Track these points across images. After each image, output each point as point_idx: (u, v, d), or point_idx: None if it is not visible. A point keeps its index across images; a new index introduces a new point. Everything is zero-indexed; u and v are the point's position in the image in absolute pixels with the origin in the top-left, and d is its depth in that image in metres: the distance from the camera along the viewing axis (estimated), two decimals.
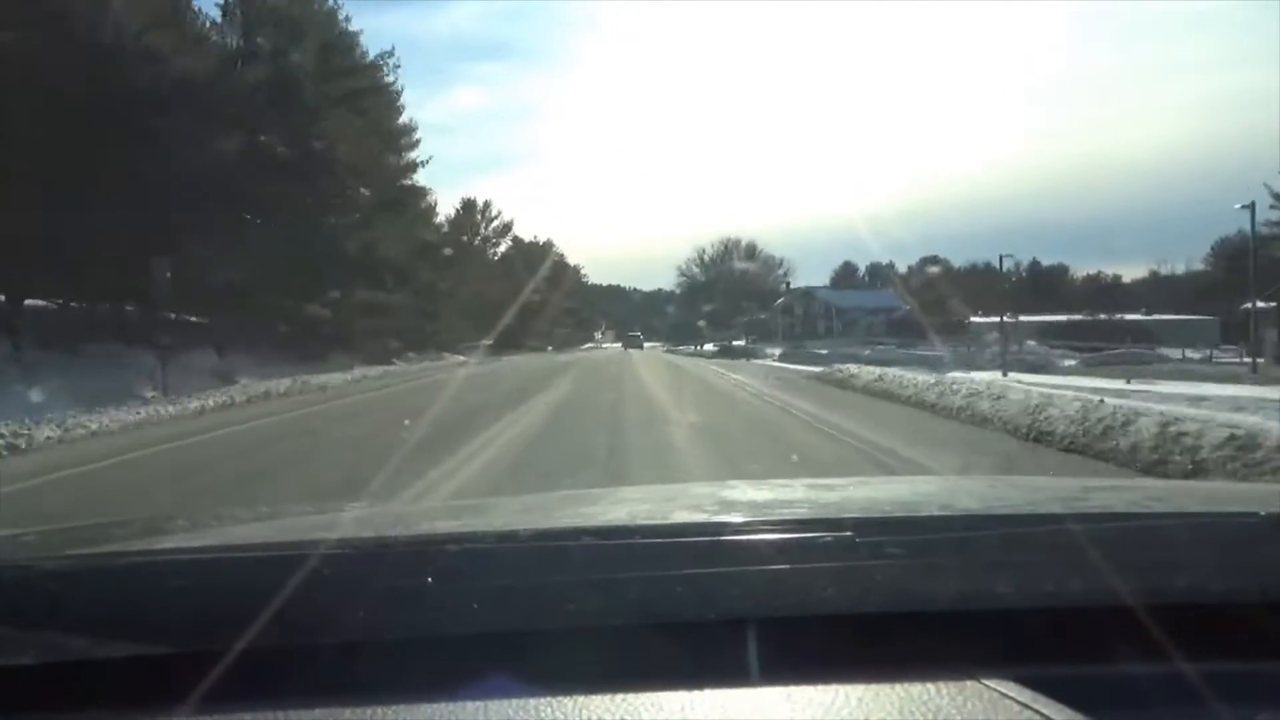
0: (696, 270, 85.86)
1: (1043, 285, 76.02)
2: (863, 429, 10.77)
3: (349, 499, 5.69)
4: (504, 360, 40.23)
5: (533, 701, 0.82)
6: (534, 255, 77.43)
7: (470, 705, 0.82)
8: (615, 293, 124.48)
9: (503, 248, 75.24)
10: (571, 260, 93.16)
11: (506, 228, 75.67)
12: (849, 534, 0.98)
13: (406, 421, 11.66)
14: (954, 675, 0.85)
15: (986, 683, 0.85)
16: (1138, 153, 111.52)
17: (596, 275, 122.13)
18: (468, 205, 72.55)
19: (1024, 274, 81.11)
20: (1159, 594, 0.93)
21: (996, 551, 0.99)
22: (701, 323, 75.94)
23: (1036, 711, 0.80)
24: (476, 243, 71.52)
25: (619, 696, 0.83)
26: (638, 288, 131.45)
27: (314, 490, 7.11)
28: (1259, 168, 60.98)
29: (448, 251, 46.28)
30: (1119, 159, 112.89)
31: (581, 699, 0.82)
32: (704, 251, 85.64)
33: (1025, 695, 0.82)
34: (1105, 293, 75.48)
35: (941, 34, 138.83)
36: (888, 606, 0.94)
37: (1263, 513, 1.07)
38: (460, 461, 8.22)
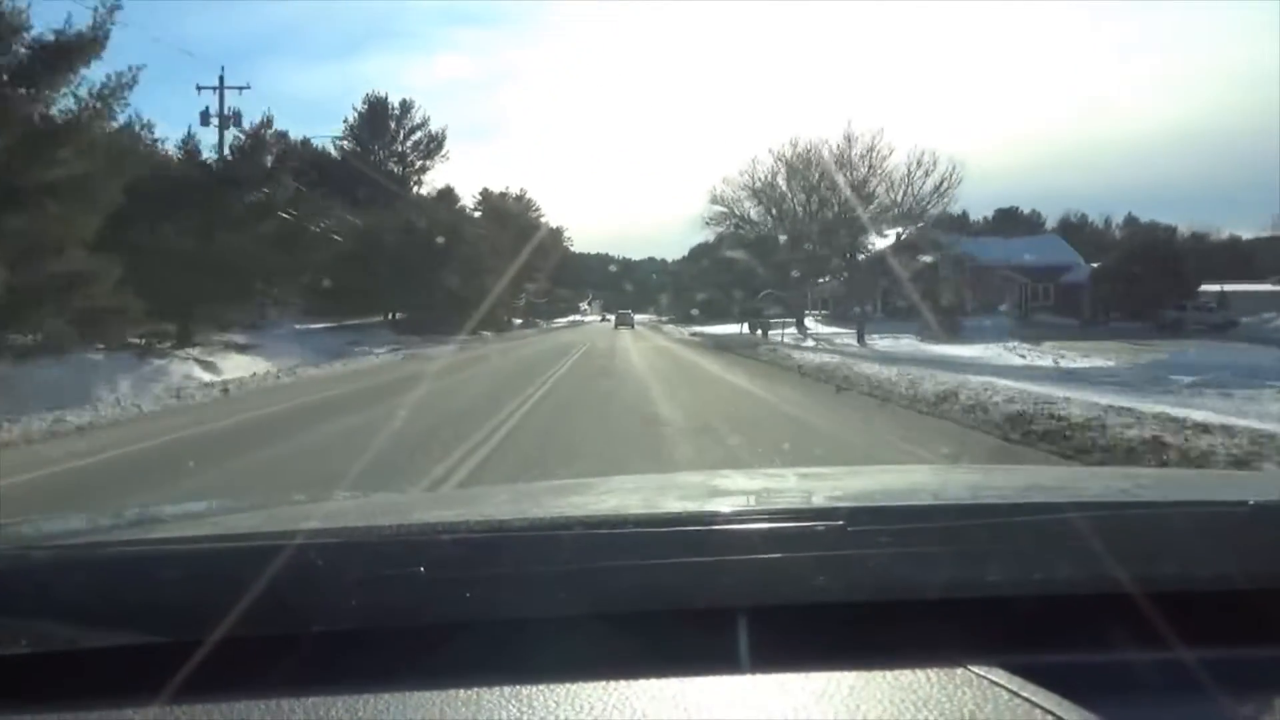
0: (744, 195, 45.49)
1: (1140, 246, 51.30)
2: None
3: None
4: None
5: (525, 689, 0.82)
6: (506, 210, 62.88)
7: (463, 693, 0.82)
8: (604, 262, 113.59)
9: (436, 174, 53.80)
10: (557, 225, 77.68)
11: (436, 143, 50.12)
12: (840, 523, 0.98)
13: None
14: (943, 663, 0.86)
15: (974, 670, 0.85)
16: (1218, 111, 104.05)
17: (584, 246, 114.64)
18: (375, 105, 48.64)
19: (1117, 231, 68.15)
20: (1148, 581, 0.93)
21: (986, 540, 1.00)
22: (701, 298, 57.65)
23: (1024, 698, 0.80)
24: (391, 165, 48.48)
25: (611, 684, 0.83)
26: (628, 256, 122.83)
27: None
28: None
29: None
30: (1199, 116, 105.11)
31: (573, 687, 0.83)
32: (755, 164, 44.64)
33: (1013, 683, 0.83)
34: (1221, 253, 55.19)
35: None
36: (879, 595, 0.95)
37: (1252, 501, 1.07)
38: None
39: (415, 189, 49.96)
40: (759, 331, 38.15)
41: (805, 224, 41.95)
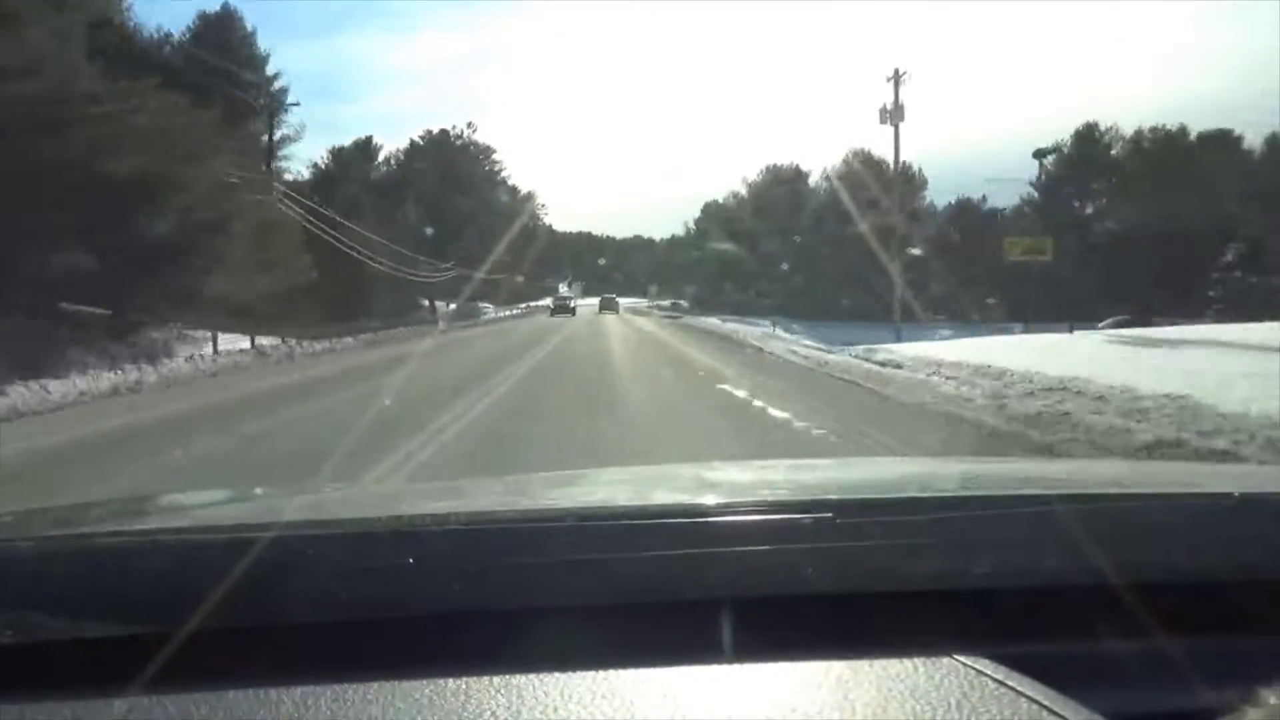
0: None
1: None
2: None
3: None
4: None
5: (515, 679, 0.83)
6: (450, 155, 49.17)
7: (452, 683, 0.82)
8: (587, 241, 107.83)
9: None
10: (528, 191, 65.03)
11: None
12: (829, 515, 0.98)
13: None
14: (930, 653, 0.86)
15: (961, 660, 0.86)
16: None
17: (568, 226, 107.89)
18: None
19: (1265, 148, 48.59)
20: (1134, 572, 0.94)
21: (974, 532, 1.01)
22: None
23: (1010, 687, 0.81)
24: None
25: (601, 674, 0.84)
26: (612, 235, 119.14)
27: None
28: None
29: None
30: None
31: (563, 676, 0.83)
32: None
33: (1000, 672, 0.84)
34: None
35: None
36: (867, 586, 0.95)
37: (1237, 493, 1.09)
38: None
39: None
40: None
41: None
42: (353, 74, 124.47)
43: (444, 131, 53.52)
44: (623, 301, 68.12)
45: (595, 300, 66.47)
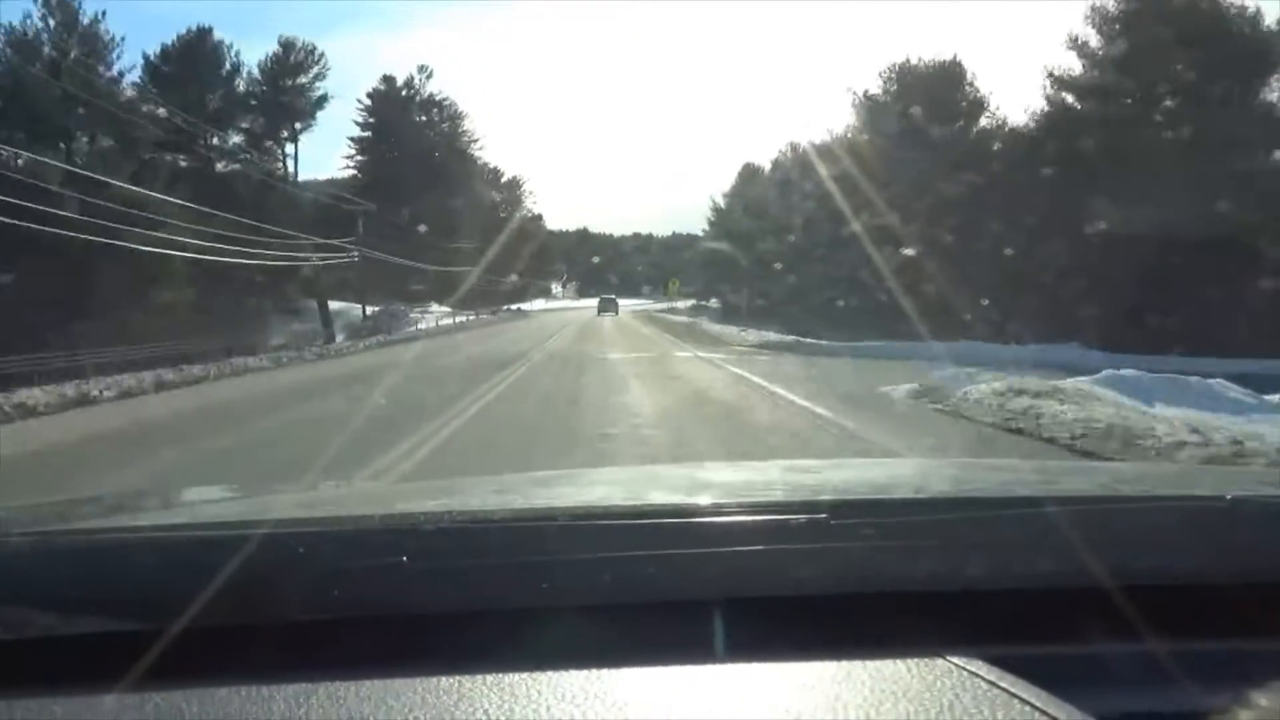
0: None
1: None
2: None
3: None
4: None
5: (507, 678, 0.83)
6: (392, 109, 39.41)
7: (445, 681, 0.82)
8: (583, 239, 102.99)
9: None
10: (513, 176, 55.59)
11: None
12: (823, 516, 0.99)
13: None
14: (923, 654, 0.87)
15: (954, 661, 0.86)
16: None
17: (563, 224, 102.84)
18: None
19: None
20: (1126, 575, 0.94)
21: (968, 533, 1.01)
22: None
23: (1002, 689, 0.81)
24: None
25: (593, 673, 0.84)
26: (609, 233, 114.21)
27: None
28: None
29: None
30: None
31: (555, 675, 0.83)
32: None
33: (993, 673, 0.84)
34: None
35: None
36: (860, 587, 0.96)
37: (1229, 496, 1.09)
38: None
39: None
40: None
41: None
42: (347, 74, 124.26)
43: (388, 79, 41.25)
44: (622, 303, 61.23)
45: (593, 302, 59.34)
